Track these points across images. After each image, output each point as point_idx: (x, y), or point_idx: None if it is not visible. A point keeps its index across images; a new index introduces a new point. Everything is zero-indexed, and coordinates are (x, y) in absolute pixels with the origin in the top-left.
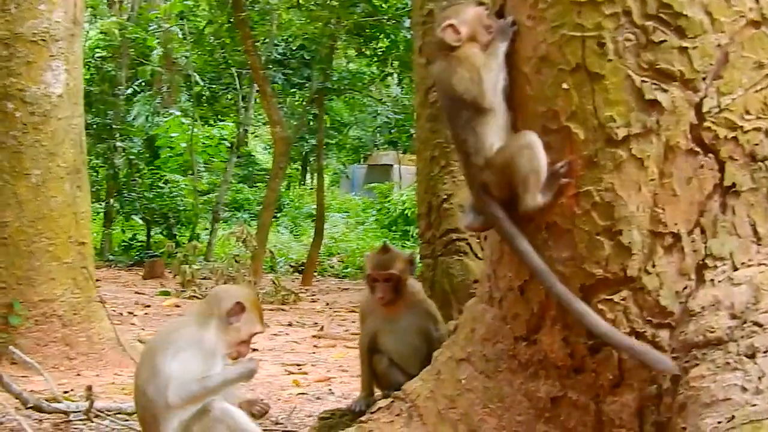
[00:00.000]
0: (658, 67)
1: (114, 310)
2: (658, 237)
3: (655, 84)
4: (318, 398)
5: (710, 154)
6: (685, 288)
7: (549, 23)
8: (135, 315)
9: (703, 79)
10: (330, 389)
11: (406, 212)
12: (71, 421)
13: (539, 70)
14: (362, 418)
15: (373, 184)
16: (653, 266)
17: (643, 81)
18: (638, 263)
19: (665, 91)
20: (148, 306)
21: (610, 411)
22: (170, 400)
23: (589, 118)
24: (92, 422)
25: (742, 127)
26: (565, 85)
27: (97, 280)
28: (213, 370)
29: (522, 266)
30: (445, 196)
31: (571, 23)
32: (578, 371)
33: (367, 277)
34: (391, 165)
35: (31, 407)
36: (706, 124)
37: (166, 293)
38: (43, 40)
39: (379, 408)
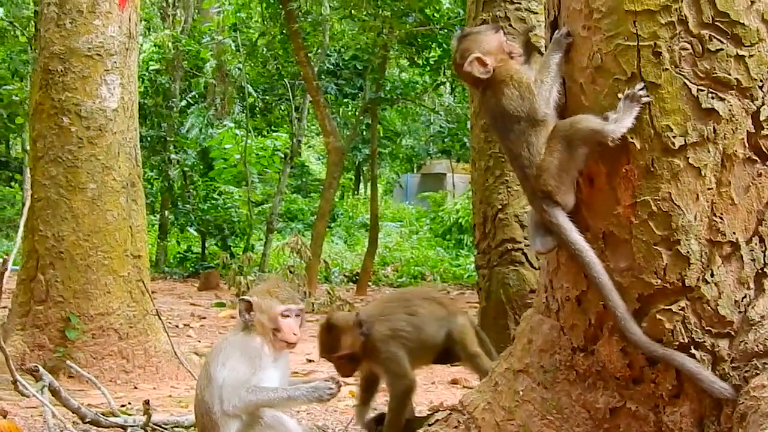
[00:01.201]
0: (714, 75)
1: (170, 323)
2: (717, 246)
3: (711, 93)
4: (374, 410)
5: None
6: (744, 297)
7: (604, 33)
8: (191, 327)
9: (760, 87)
10: (386, 400)
11: (459, 221)
12: None
13: (594, 80)
14: (420, 431)
15: (426, 193)
16: (712, 275)
17: (699, 90)
18: (696, 273)
19: (722, 99)
20: (204, 318)
21: (669, 421)
22: (224, 407)
23: (645, 127)
24: None
25: None
26: (620, 95)
27: (153, 292)
28: (261, 373)
29: (579, 276)
30: (500, 206)
31: (627, 33)
32: (637, 382)
33: None
34: (445, 174)
35: (89, 422)
36: (764, 132)
37: (222, 305)
38: (99, 54)
39: (437, 420)
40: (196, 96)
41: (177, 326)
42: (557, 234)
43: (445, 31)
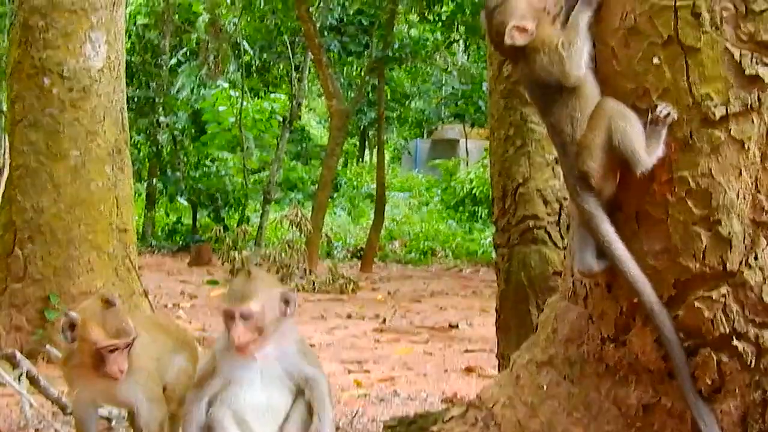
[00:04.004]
0: (759, 39)
1: (158, 302)
2: (761, 227)
3: (756, 57)
4: (382, 400)
5: None
6: None
7: None
8: (181, 307)
9: None
10: (395, 390)
11: (473, 191)
12: (112, 428)
13: (627, 43)
14: (434, 428)
15: (437, 161)
16: (755, 259)
17: (742, 54)
18: (739, 256)
19: (767, 65)
20: (195, 296)
21: None
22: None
23: (683, 95)
24: None
25: None
26: (656, 60)
27: (140, 268)
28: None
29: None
30: (521, 180)
31: None
32: (673, 376)
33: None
34: (457, 140)
35: (71, 413)
36: None
37: (214, 282)
38: (83, 9)
39: (453, 416)
40: (188, 53)
41: (166, 305)
42: (587, 222)
43: None
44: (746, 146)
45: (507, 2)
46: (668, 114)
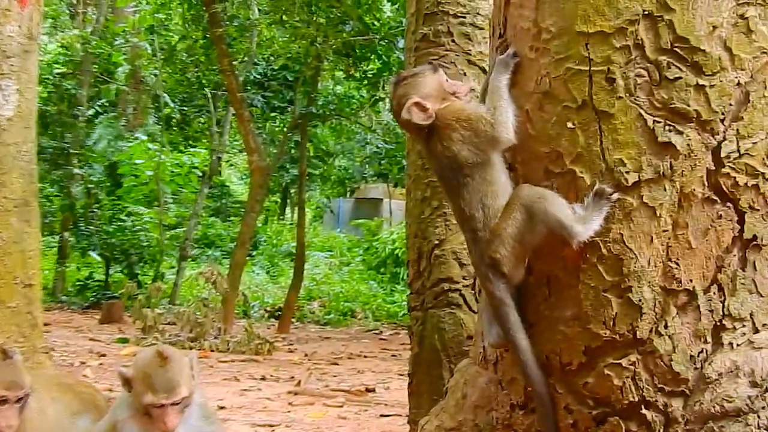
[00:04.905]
0: (672, 106)
1: (64, 360)
2: (671, 294)
3: (669, 125)
4: None
5: (729, 203)
6: (701, 352)
7: (553, 55)
8: (88, 365)
9: (722, 120)
10: None
11: (396, 252)
12: None
13: (542, 106)
14: None
15: (360, 221)
16: (665, 327)
17: (655, 121)
18: (649, 324)
19: (680, 132)
20: (104, 355)
21: None
22: None
23: (596, 160)
24: None
25: (763, 173)
26: (570, 124)
27: (47, 324)
28: None
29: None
30: (437, 242)
31: (578, 56)
32: None
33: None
34: (381, 199)
35: None
36: (725, 170)
37: (125, 340)
38: None
39: None
40: (106, 104)
41: (72, 364)
42: (495, 307)
43: (386, 41)
44: (658, 213)
45: (416, 77)
46: (613, 193)
